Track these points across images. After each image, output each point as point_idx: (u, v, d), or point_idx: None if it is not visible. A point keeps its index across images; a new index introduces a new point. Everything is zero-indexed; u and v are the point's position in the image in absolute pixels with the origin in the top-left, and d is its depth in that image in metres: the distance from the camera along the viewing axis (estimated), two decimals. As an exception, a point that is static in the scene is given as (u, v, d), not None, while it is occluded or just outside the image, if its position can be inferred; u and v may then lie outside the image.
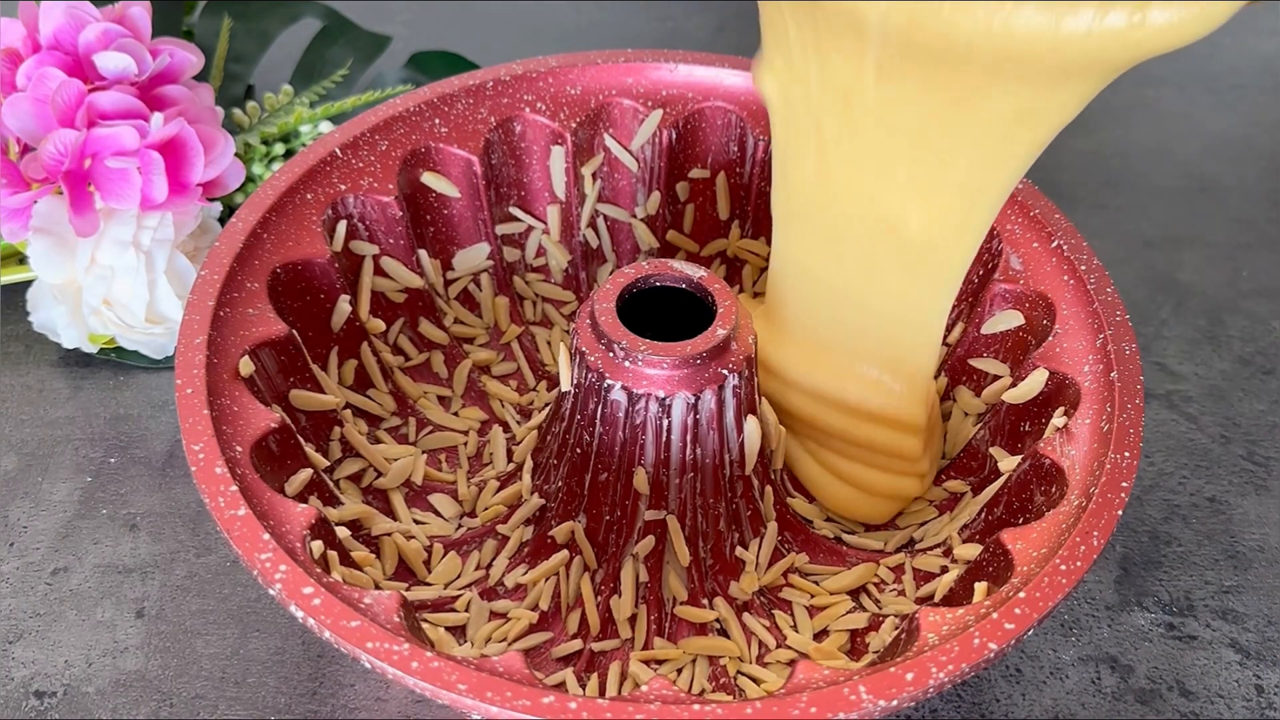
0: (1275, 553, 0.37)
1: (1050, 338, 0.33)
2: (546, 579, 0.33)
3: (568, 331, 0.40)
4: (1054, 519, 0.28)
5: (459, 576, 0.34)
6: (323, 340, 0.35)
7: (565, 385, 0.32)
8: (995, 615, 0.25)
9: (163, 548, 0.35)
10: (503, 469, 0.36)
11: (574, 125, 0.39)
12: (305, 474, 0.31)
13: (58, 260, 0.37)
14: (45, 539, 0.36)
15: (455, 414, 0.38)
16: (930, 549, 0.34)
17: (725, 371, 0.30)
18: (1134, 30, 0.23)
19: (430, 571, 0.33)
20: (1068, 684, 0.33)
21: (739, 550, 0.33)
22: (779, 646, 0.32)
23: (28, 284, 0.40)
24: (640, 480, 0.32)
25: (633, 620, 0.33)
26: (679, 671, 0.32)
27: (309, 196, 0.35)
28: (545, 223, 0.40)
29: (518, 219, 0.40)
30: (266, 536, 0.26)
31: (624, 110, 0.40)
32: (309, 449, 0.32)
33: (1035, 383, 0.33)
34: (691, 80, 0.40)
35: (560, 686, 0.31)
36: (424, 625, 0.29)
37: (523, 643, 0.32)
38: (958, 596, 0.30)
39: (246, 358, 0.31)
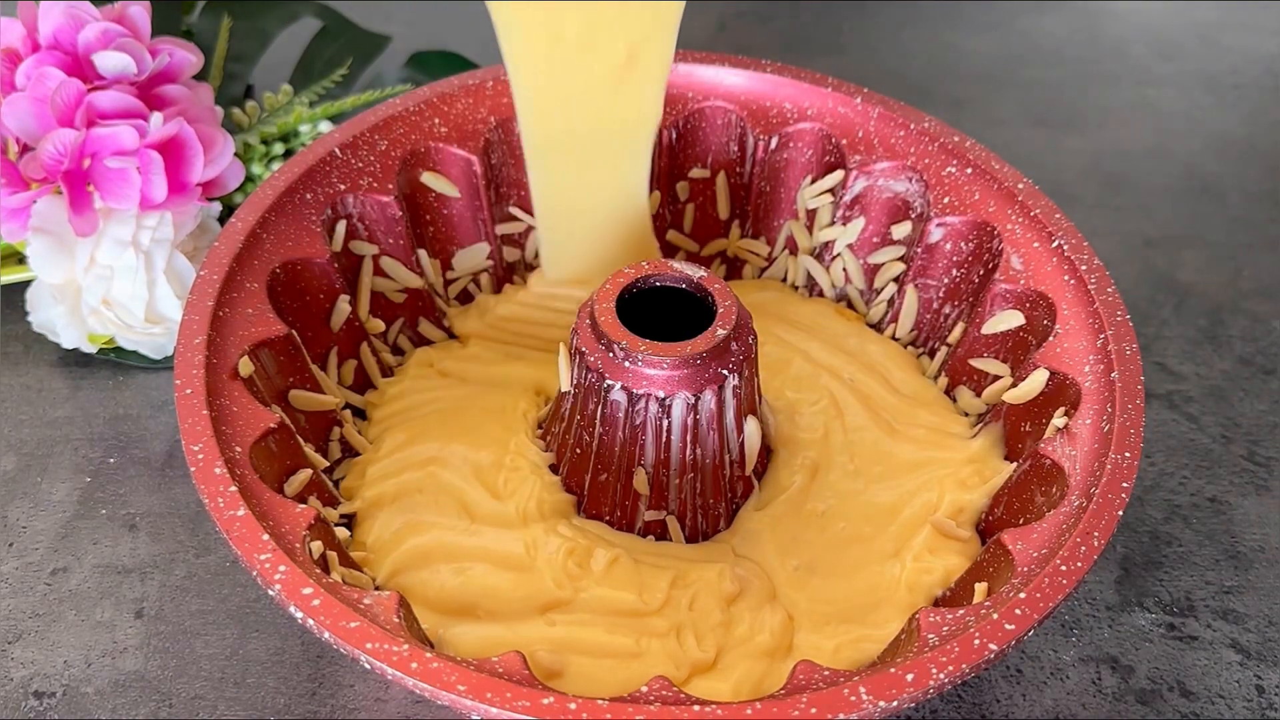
0: (1276, 553, 0.37)
1: (1051, 338, 0.33)
2: (546, 579, 0.33)
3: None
4: (1054, 519, 0.28)
5: (459, 577, 0.33)
6: (322, 340, 0.35)
7: (565, 385, 0.32)
8: (996, 616, 0.25)
9: (162, 548, 0.35)
10: (502, 469, 0.36)
11: (574, 125, 0.39)
12: (304, 474, 0.31)
13: (57, 260, 0.37)
14: (44, 539, 0.36)
15: (455, 414, 0.38)
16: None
17: (725, 372, 0.30)
18: None
19: (430, 572, 0.33)
20: (1068, 684, 0.33)
21: (739, 550, 0.33)
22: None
23: (27, 284, 0.40)
24: (640, 481, 0.32)
25: (633, 621, 0.33)
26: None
27: (308, 196, 0.35)
28: (545, 222, 0.40)
29: (518, 219, 0.40)
30: (266, 537, 0.26)
31: (624, 110, 0.40)
32: (308, 449, 0.32)
33: (1036, 383, 0.33)
34: (691, 80, 0.39)
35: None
36: (423, 625, 0.29)
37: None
38: (958, 597, 0.30)
39: (246, 358, 0.31)
